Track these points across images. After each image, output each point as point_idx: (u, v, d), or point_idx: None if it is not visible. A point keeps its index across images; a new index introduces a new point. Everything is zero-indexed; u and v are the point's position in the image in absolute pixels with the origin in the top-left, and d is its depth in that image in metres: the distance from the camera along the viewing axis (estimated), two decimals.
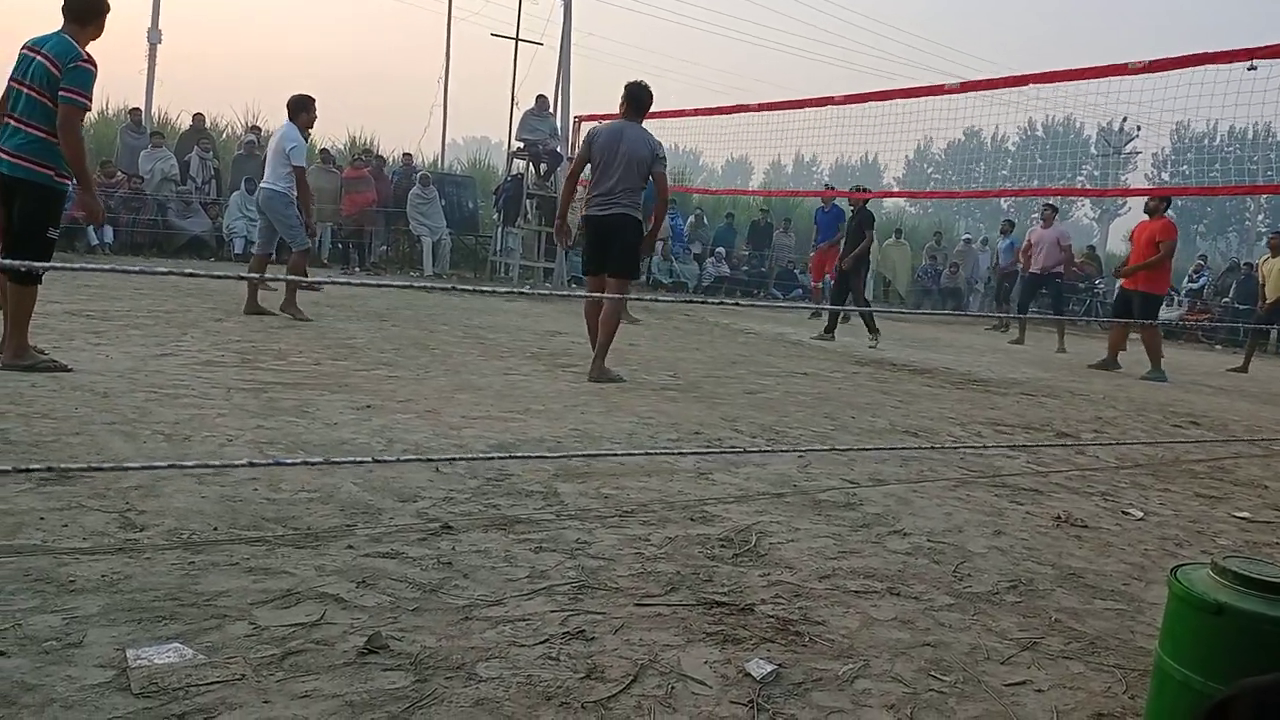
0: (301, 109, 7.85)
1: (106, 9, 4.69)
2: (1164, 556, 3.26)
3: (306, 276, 7.78)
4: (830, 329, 10.66)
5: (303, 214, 7.84)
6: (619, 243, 5.98)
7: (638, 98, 6.11)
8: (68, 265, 3.40)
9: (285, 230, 7.86)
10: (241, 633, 2.02)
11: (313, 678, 1.86)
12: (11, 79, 4.60)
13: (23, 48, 4.61)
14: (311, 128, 8.33)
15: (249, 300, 7.75)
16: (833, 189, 15.26)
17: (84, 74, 4.51)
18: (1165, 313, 15.06)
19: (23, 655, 1.84)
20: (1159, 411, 7.06)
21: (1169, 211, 9.75)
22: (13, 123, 4.52)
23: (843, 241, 11.32)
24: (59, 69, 4.46)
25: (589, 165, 6.05)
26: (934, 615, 2.50)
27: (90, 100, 4.60)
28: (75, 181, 4.75)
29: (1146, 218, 9.71)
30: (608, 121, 6.37)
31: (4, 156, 4.53)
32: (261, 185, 7.97)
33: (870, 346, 9.94)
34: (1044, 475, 4.43)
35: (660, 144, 6.04)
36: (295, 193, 7.78)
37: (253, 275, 6.70)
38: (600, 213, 6.00)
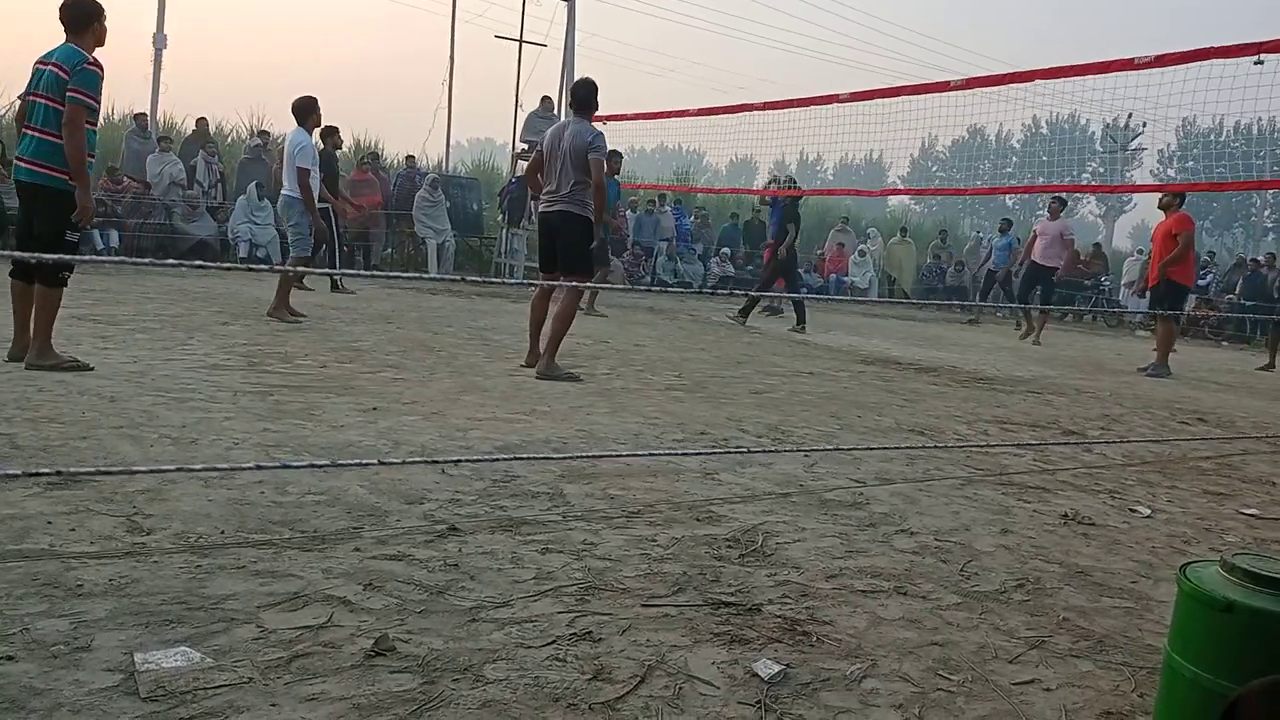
0: (310, 112, 7.88)
1: (99, 13, 4.84)
2: (1172, 554, 3.25)
3: (296, 282, 7.79)
4: (745, 312, 11.44)
5: (309, 216, 7.83)
6: (563, 241, 5.98)
7: (577, 95, 6.18)
8: (84, 258, 3.41)
9: (293, 234, 7.91)
10: (249, 636, 2.03)
11: (320, 680, 1.86)
12: (28, 94, 4.82)
13: (35, 63, 4.82)
14: (320, 128, 8.36)
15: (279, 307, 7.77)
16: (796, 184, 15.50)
17: (90, 75, 4.67)
18: None
19: (31, 660, 1.84)
20: (1165, 408, 7.04)
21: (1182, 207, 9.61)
22: (30, 132, 4.74)
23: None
24: (67, 73, 4.65)
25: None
26: (941, 614, 2.50)
27: (96, 101, 4.76)
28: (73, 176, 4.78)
29: (1162, 215, 9.58)
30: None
31: (22, 164, 4.77)
32: (283, 193, 8.02)
33: (791, 330, 10.88)
34: (1051, 473, 4.41)
35: (600, 134, 6.02)
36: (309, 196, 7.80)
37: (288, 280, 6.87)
38: (545, 209, 6.06)
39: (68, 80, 4.63)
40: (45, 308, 4.74)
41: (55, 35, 4.80)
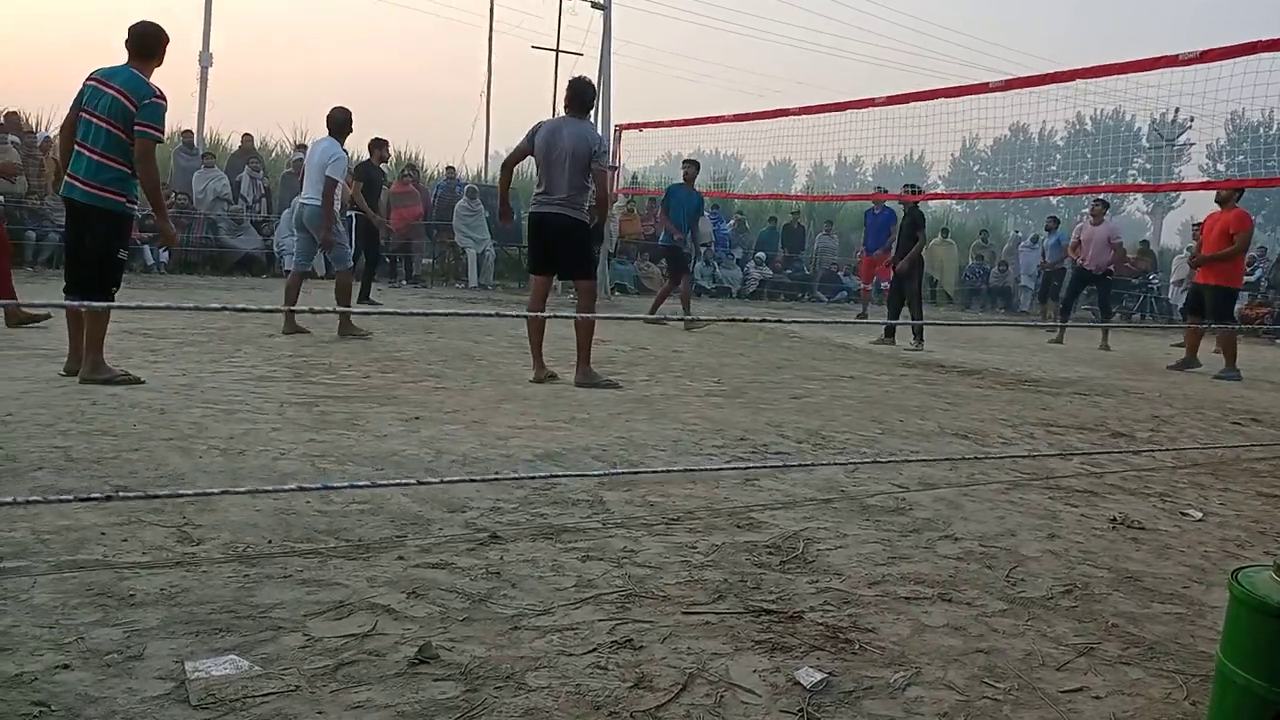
0: (348, 125, 7.77)
1: (167, 41, 5.03)
2: (1225, 558, 3.18)
3: (351, 295, 7.68)
4: (890, 333, 10.46)
5: (332, 228, 7.73)
6: (565, 246, 5.84)
7: (581, 92, 5.90)
8: (125, 304, 3.49)
9: (334, 250, 7.69)
10: (296, 644, 2.06)
11: (365, 688, 1.89)
12: (81, 109, 4.86)
13: (90, 79, 4.90)
14: (349, 135, 8.21)
15: (287, 320, 7.65)
16: (884, 191, 15.21)
17: (158, 110, 4.85)
18: None
19: (85, 668, 1.89)
20: (1217, 409, 6.89)
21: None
22: (87, 153, 4.80)
23: (894, 245, 11.48)
24: (134, 105, 4.77)
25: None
26: (987, 621, 2.47)
27: (163, 133, 4.97)
28: (152, 209, 5.18)
29: (1218, 208, 9.22)
30: (550, 117, 6.23)
31: (77, 184, 4.83)
32: (304, 201, 7.72)
33: (908, 349, 9.90)
34: (1099, 476, 4.34)
35: (601, 139, 5.90)
36: (339, 207, 7.68)
37: (291, 303, 6.81)
38: (542, 211, 5.84)
39: (135, 113, 4.75)
40: (95, 323, 4.85)
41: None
